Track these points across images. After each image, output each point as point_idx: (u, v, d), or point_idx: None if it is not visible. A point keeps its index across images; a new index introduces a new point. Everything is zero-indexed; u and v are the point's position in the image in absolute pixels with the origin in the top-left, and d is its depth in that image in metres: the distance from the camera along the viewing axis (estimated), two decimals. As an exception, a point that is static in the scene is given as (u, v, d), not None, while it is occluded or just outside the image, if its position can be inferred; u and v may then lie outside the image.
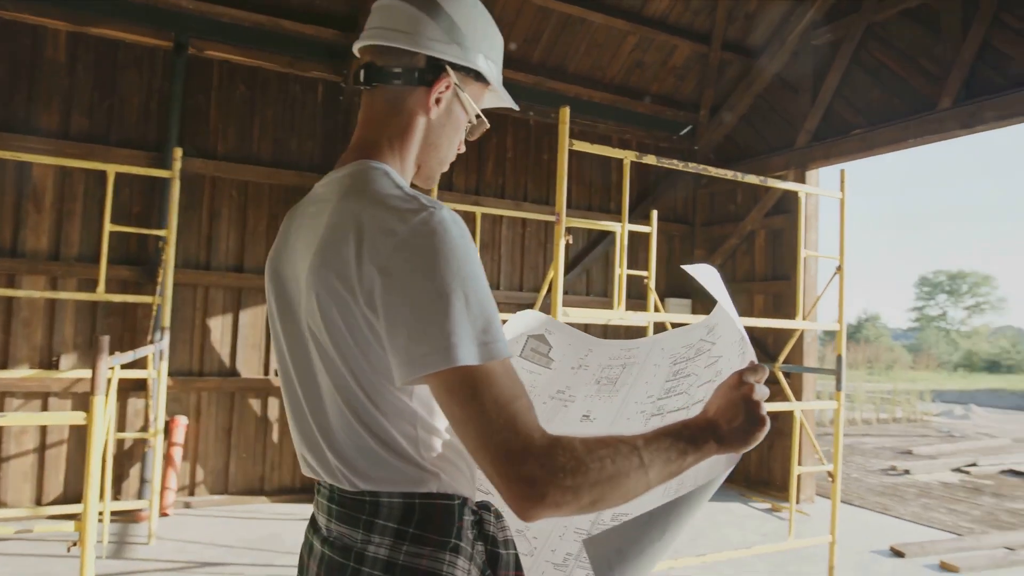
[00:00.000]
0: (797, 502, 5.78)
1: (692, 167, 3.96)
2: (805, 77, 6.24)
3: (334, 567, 0.91)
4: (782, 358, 5.34)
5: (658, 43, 6.39)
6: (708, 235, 7.29)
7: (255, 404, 5.26)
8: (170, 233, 4.27)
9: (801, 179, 6.17)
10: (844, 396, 4.48)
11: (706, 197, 7.37)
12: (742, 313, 6.63)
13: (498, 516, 0.98)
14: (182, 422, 4.89)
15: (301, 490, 5.35)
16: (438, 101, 1.02)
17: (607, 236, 6.80)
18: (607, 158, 6.98)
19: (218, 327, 5.19)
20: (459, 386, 0.79)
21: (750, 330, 6.23)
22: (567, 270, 6.71)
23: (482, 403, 0.78)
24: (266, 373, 5.32)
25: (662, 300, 6.93)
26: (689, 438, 0.87)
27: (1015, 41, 4.71)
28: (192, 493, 5.05)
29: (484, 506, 0.97)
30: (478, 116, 1.08)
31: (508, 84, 6.27)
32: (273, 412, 5.32)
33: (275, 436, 5.32)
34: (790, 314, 6.14)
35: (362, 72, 1.03)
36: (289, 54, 5.38)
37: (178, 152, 4.31)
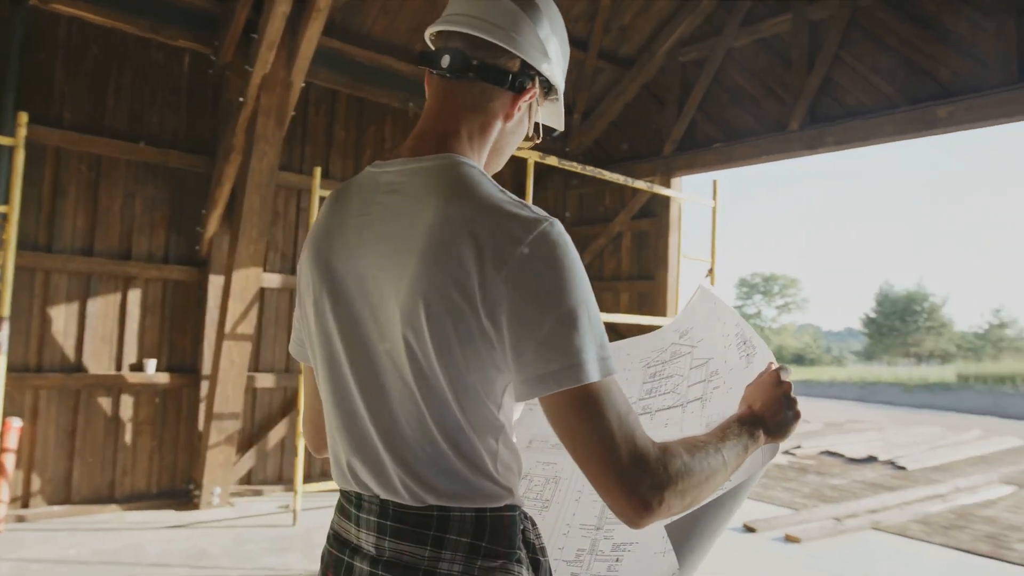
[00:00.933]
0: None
1: (610, 175, 4.11)
2: (672, 91, 6.70)
3: None
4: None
5: (539, 45, 6.55)
6: (577, 235, 7.58)
7: (105, 403, 4.74)
8: (11, 210, 3.74)
9: (667, 185, 6.62)
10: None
11: (575, 198, 7.67)
12: (608, 310, 7.01)
13: (534, 523, 0.99)
14: (15, 424, 4.29)
15: (159, 495, 4.91)
16: (518, 108, 0.99)
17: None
18: (485, 154, 7.06)
19: (61, 317, 4.61)
20: (584, 403, 0.79)
21: (615, 326, 6.62)
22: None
23: (607, 419, 0.79)
24: (119, 368, 4.81)
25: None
26: (749, 433, 0.94)
27: (852, 77, 5.38)
28: (26, 505, 4.45)
29: (525, 514, 0.97)
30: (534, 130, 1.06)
31: (389, 71, 6.08)
32: (126, 411, 4.83)
33: (128, 437, 4.83)
34: (655, 311, 6.58)
35: (447, 57, 0.95)
36: (152, 17, 4.89)
37: (23, 117, 3.77)
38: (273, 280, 5.41)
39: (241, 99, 4.62)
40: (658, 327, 5.82)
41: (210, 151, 5.17)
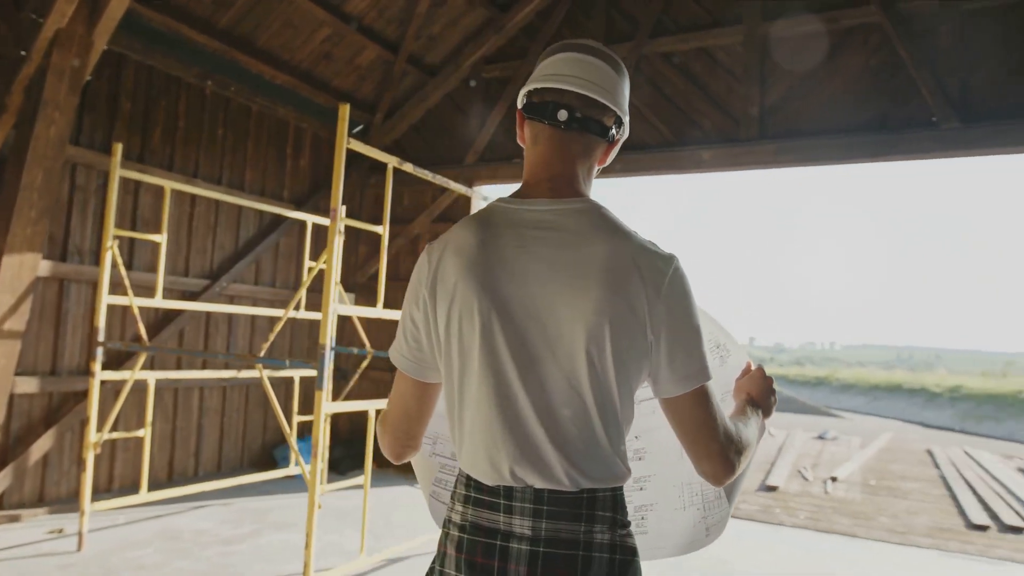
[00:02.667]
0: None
1: (454, 186, 4.25)
2: (475, 103, 7.07)
3: (559, 559, 1.02)
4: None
5: (349, 40, 6.45)
6: (373, 233, 7.56)
7: None
8: None
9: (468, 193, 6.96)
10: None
11: (372, 197, 7.65)
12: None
13: None
14: None
15: None
16: (609, 154, 1.20)
17: (281, 224, 6.56)
18: (284, 140, 6.74)
19: None
20: (706, 395, 1.08)
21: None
22: (238, 258, 6.26)
23: (715, 406, 1.09)
24: None
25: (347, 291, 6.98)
26: (756, 413, 1.27)
27: (636, 115, 6.24)
28: None
29: None
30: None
31: (187, 42, 5.51)
32: None
33: None
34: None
35: (563, 112, 1.12)
36: None
37: None
38: (43, 268, 4.61)
39: (23, 52, 3.89)
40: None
41: (-41, 107, 4.23)
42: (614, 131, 1.18)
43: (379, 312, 3.97)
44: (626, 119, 1.20)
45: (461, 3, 6.61)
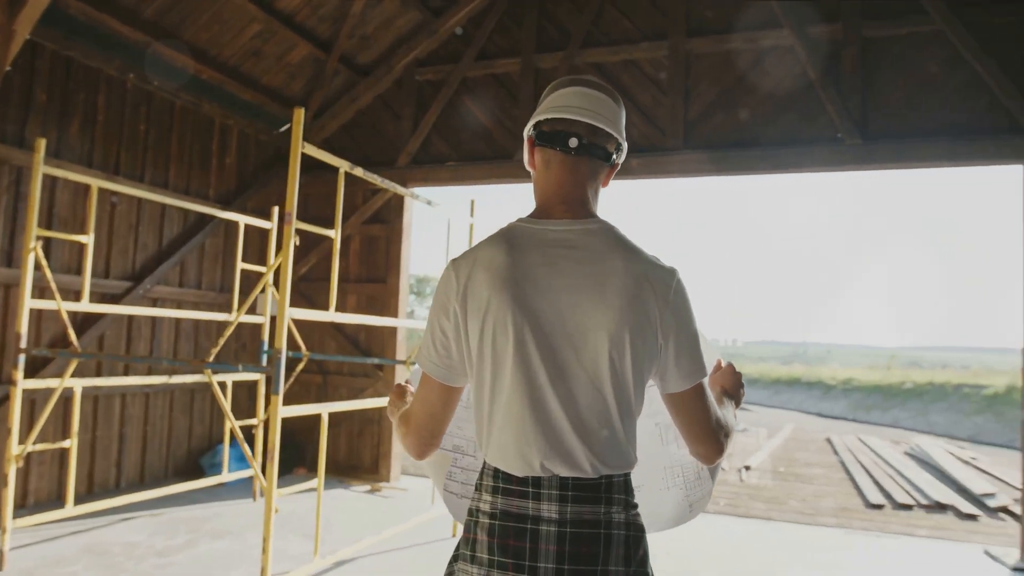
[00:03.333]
0: (388, 480, 6.54)
1: (403, 189, 4.27)
2: (407, 106, 7.09)
3: (584, 538, 1.16)
4: (418, 356, 5.99)
5: (280, 37, 6.33)
6: (303, 234, 7.44)
7: None
8: None
9: (400, 195, 6.97)
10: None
11: (303, 197, 7.51)
12: (336, 310, 7.07)
13: None
14: None
15: None
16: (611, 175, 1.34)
17: (207, 224, 6.36)
18: (209, 137, 6.54)
19: None
20: (703, 390, 1.26)
21: (342, 327, 6.76)
22: (162, 259, 6.02)
23: (710, 398, 1.28)
24: None
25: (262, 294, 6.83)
26: (731, 402, 1.44)
27: (567, 122, 6.46)
28: None
29: None
30: None
31: (108, 32, 5.30)
32: None
33: None
34: (384, 312, 6.88)
35: (575, 140, 1.27)
36: None
37: None
38: (-48, 270, 4.30)
39: (-64, 40, 3.64)
40: (390, 327, 6.20)
41: None
42: (615, 156, 1.32)
43: (332, 316, 3.97)
44: (624, 145, 1.34)
45: (395, 5, 6.62)
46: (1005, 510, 6.59)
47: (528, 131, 1.35)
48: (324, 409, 3.62)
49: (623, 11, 6.38)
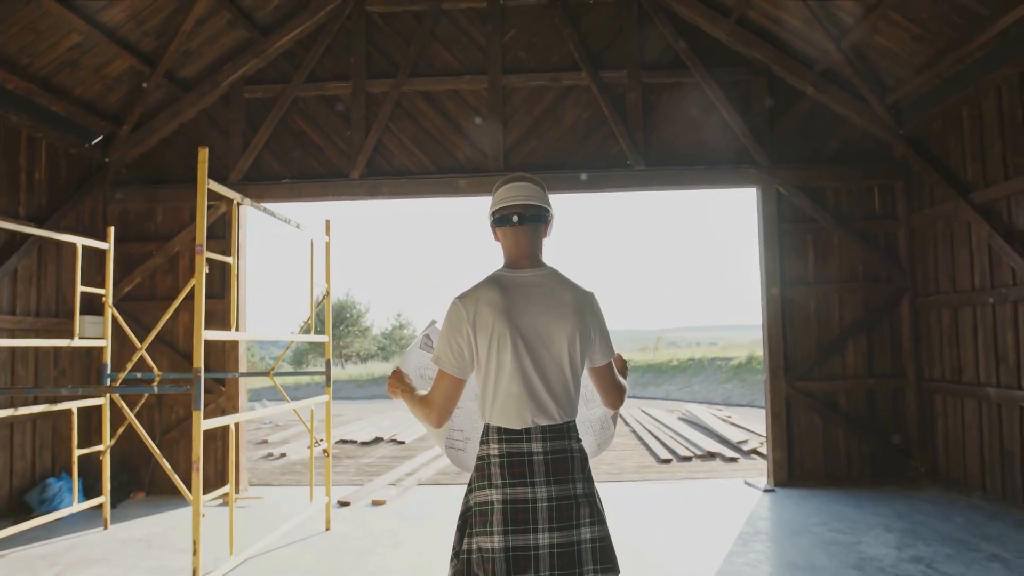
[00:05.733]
0: (237, 491, 6.63)
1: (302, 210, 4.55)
2: (236, 123, 7.17)
3: (558, 459, 1.88)
4: (271, 368, 6.15)
5: (101, 49, 6.13)
6: (123, 252, 7.13)
7: None
8: None
9: (233, 211, 7.04)
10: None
11: (117, 212, 7.22)
12: (167, 327, 6.95)
13: None
14: None
15: None
16: (548, 231, 2.08)
17: (25, 243, 5.97)
18: (16, 150, 6.11)
19: None
20: (612, 365, 2.05)
21: (176, 342, 6.73)
22: (-29, 283, 5.55)
23: (615, 370, 2.07)
24: None
25: (82, 315, 6.49)
26: (623, 375, 2.24)
27: (399, 144, 7.05)
28: None
29: None
30: None
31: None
32: None
33: None
34: (223, 327, 6.91)
35: (516, 217, 1.98)
36: None
37: None
38: None
39: None
40: (230, 340, 6.37)
41: None
42: (547, 216, 2.06)
43: (237, 335, 4.20)
44: (552, 210, 2.08)
45: (222, 22, 6.70)
46: (756, 452, 8.48)
47: (489, 218, 2.05)
48: (232, 420, 3.89)
49: (446, 46, 7.13)
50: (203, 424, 3.41)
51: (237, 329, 7.08)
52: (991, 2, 4.93)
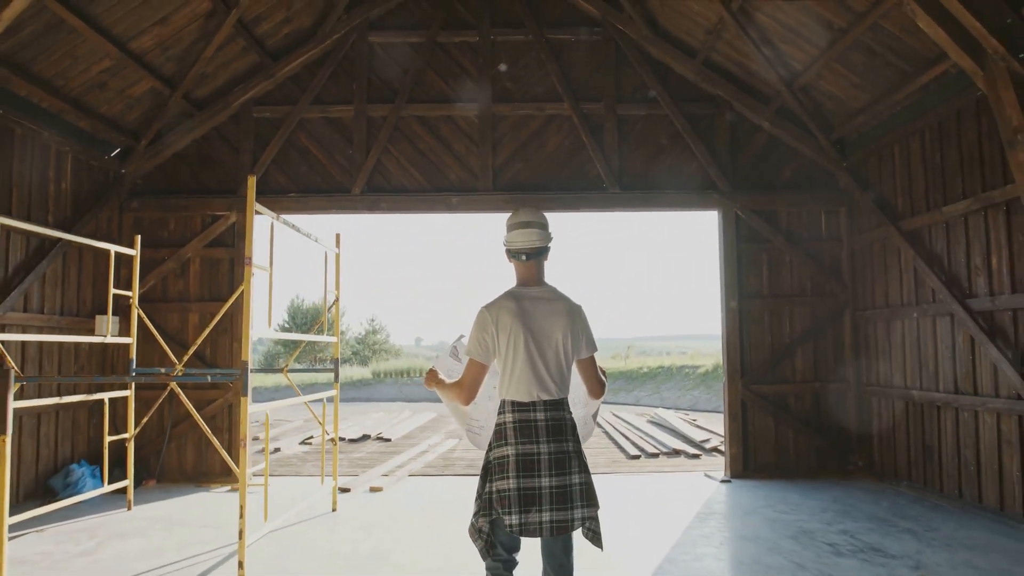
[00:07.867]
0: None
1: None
2: (246, 140, 7.78)
3: (556, 425, 2.59)
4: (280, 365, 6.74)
5: (128, 72, 6.70)
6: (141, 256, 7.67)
7: None
8: None
9: (242, 220, 7.63)
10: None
11: (131, 220, 7.75)
12: (175, 328, 7.52)
13: None
14: None
15: None
16: (547, 258, 2.80)
17: (53, 249, 6.50)
18: (46, 163, 6.64)
19: None
20: (594, 359, 2.78)
21: (186, 342, 7.26)
22: (9, 284, 6.08)
23: (597, 364, 2.80)
24: None
25: (94, 316, 7.03)
26: (602, 372, 2.97)
27: (396, 164, 7.72)
28: None
29: None
30: None
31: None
32: None
33: None
34: (231, 328, 7.50)
35: (524, 256, 2.71)
36: None
37: None
38: None
39: None
40: (237, 341, 6.92)
41: None
42: (547, 251, 2.78)
43: (271, 333, 4.79)
44: (551, 243, 2.80)
45: (236, 48, 7.32)
46: (716, 449, 9.29)
47: (504, 249, 2.77)
48: (267, 407, 4.53)
49: (441, 75, 7.84)
50: (253, 407, 4.03)
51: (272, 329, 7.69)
52: (913, 61, 5.80)
